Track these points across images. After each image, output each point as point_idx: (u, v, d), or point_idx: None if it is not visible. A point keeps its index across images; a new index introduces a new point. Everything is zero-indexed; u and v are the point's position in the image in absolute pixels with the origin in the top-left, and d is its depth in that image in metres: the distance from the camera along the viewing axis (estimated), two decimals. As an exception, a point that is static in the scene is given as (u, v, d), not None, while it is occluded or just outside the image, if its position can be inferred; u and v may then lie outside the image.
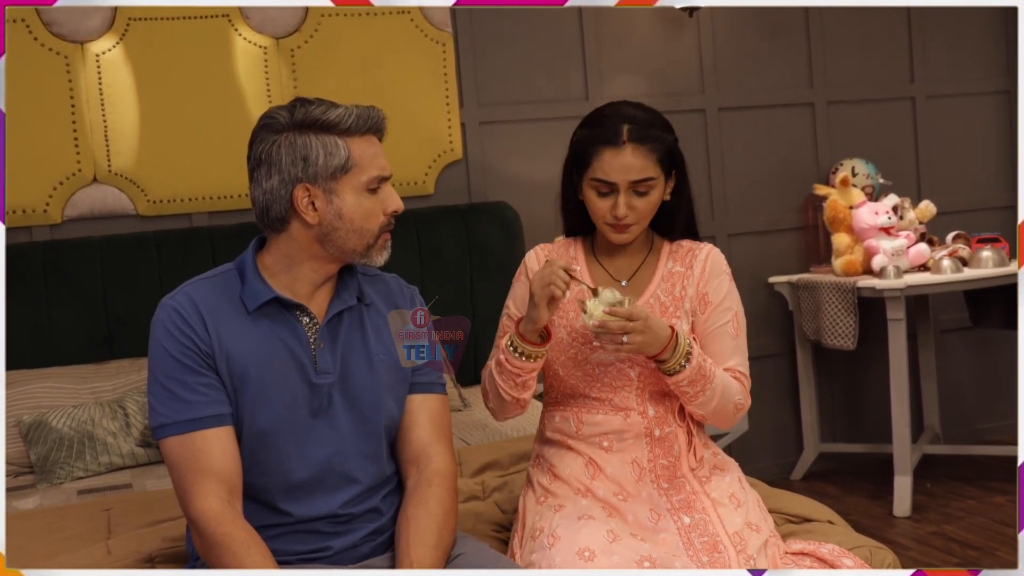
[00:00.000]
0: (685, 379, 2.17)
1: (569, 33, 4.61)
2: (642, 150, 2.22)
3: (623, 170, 2.22)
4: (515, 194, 4.38)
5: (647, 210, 2.26)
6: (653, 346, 2.12)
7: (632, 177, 2.22)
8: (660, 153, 2.24)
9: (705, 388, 2.20)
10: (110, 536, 2.57)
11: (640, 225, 2.28)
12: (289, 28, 4.16)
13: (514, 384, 2.24)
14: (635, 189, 2.23)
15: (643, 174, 2.22)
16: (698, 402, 2.22)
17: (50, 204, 3.91)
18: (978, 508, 4.38)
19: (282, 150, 1.97)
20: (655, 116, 2.29)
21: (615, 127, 2.23)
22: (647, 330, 2.09)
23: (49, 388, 3.50)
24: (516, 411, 2.33)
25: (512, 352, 2.21)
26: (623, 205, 2.23)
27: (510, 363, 2.22)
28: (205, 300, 2.01)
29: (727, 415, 2.27)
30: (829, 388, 5.11)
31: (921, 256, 4.48)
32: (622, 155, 2.22)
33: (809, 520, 2.42)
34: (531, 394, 2.30)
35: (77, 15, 3.91)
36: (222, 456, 1.95)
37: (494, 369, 2.27)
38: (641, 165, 2.22)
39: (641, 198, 2.24)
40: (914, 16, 5.13)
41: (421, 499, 2.06)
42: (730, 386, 2.25)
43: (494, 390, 2.29)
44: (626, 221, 2.24)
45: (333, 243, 2.02)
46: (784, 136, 4.98)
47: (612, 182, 2.23)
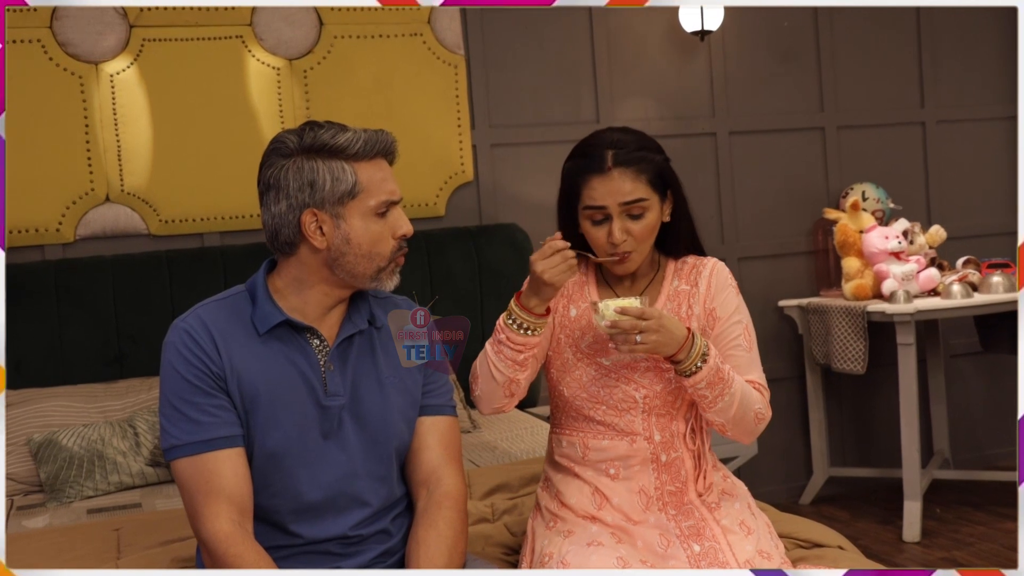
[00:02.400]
0: (703, 380, 2.15)
1: (581, 56, 4.62)
2: (629, 172, 2.21)
3: (612, 194, 2.20)
4: (526, 216, 4.39)
5: (644, 233, 2.24)
6: (669, 345, 2.11)
7: (622, 199, 2.21)
8: (649, 174, 2.23)
9: (724, 392, 2.17)
10: (119, 556, 2.56)
11: (640, 252, 2.26)
12: (302, 49, 4.18)
13: (512, 363, 2.20)
14: (628, 213, 2.22)
15: (633, 195, 2.21)
16: (717, 408, 2.19)
17: (63, 223, 3.93)
18: (988, 534, 4.36)
19: (290, 175, 1.98)
20: (642, 138, 2.28)
21: (600, 154, 2.22)
22: (661, 329, 2.08)
23: (59, 407, 3.50)
24: (504, 398, 2.26)
25: (511, 326, 2.18)
26: (618, 230, 2.21)
27: (510, 340, 2.18)
28: (216, 322, 2.01)
29: (747, 424, 2.24)
30: (839, 412, 5.10)
31: (931, 281, 4.47)
32: (610, 180, 2.21)
33: (819, 545, 2.41)
34: (526, 379, 2.25)
35: (92, 36, 3.93)
36: (233, 477, 1.95)
37: (490, 349, 2.22)
38: (630, 187, 2.21)
39: (636, 221, 2.22)
40: (924, 41, 5.14)
41: (431, 521, 2.06)
42: (749, 394, 2.23)
43: (486, 373, 2.23)
44: (624, 248, 2.23)
45: (342, 268, 2.02)
46: (795, 160, 4.99)
47: (602, 206, 2.22)
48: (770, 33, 4.93)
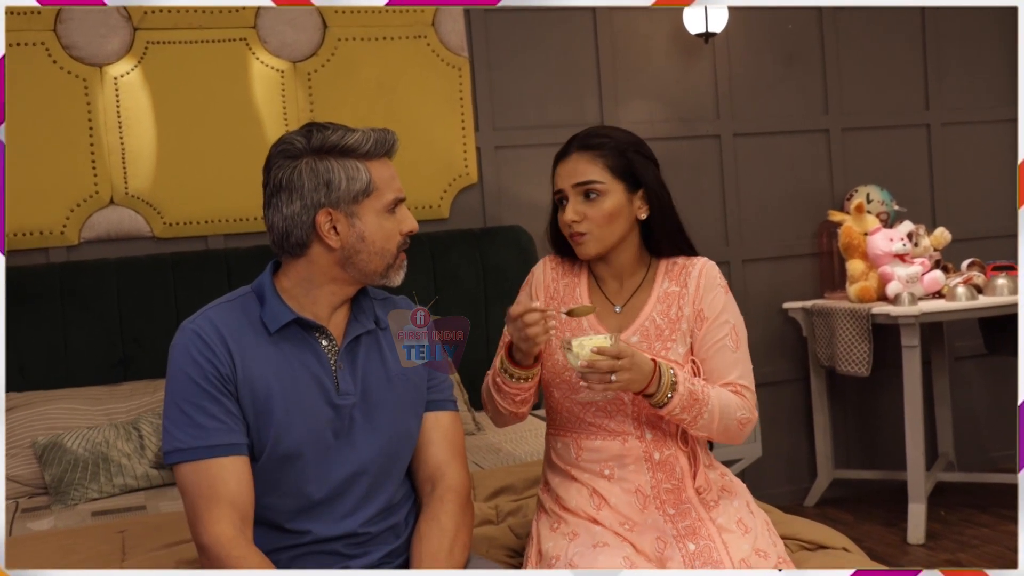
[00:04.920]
0: (677, 407, 2.15)
1: (585, 59, 4.62)
2: (586, 155, 2.27)
3: (567, 175, 2.28)
4: (530, 218, 4.38)
5: (599, 218, 2.25)
6: (639, 382, 2.10)
7: (574, 180, 2.26)
8: (609, 160, 2.26)
9: (701, 412, 2.17)
10: (124, 558, 2.57)
11: (597, 236, 2.27)
12: (306, 52, 4.19)
13: (512, 401, 2.27)
14: (583, 193, 2.26)
15: (585, 176, 2.25)
16: (698, 426, 2.20)
17: (67, 226, 3.93)
18: (992, 536, 4.35)
19: (304, 176, 1.98)
20: (615, 130, 2.34)
21: (569, 143, 2.31)
22: (633, 367, 2.08)
23: (64, 409, 3.51)
24: (515, 421, 2.35)
25: (504, 374, 2.23)
26: (570, 210, 2.26)
27: (505, 384, 2.24)
28: (226, 324, 2.01)
29: (732, 432, 2.25)
30: (843, 414, 5.10)
31: (936, 283, 4.47)
32: (568, 162, 2.29)
33: (824, 547, 2.40)
34: (530, 407, 2.32)
35: (96, 39, 3.94)
36: (236, 484, 1.94)
37: (492, 387, 2.29)
38: (584, 169, 2.26)
39: (590, 204, 2.25)
40: (929, 43, 5.14)
41: (433, 515, 2.07)
42: (729, 403, 2.22)
43: (492, 405, 2.32)
44: (579, 228, 2.26)
45: (355, 266, 2.03)
46: (799, 162, 4.99)
47: (560, 188, 2.29)
48: (774, 35, 4.92)
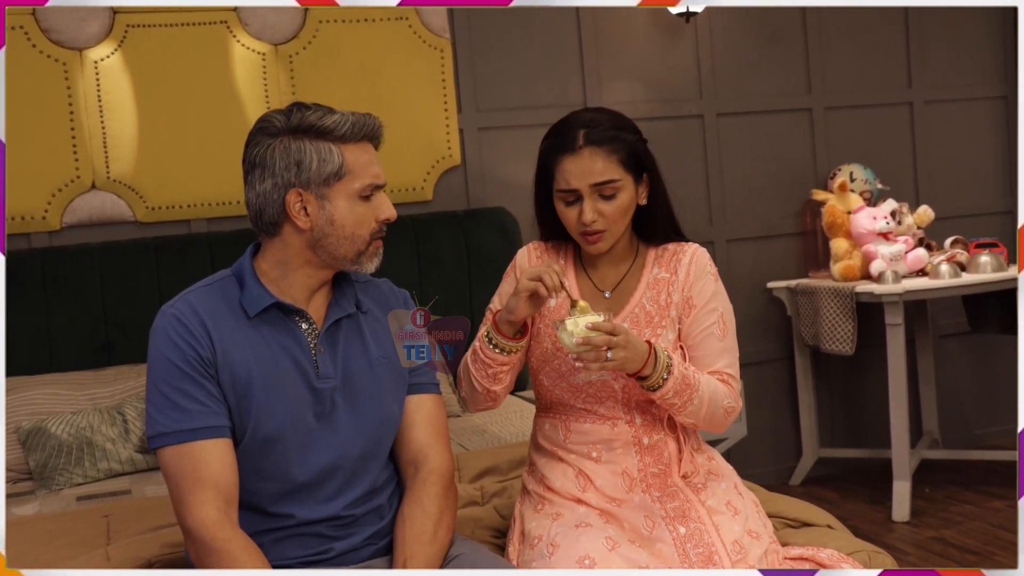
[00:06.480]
0: (670, 391, 2.14)
1: (567, 39, 4.61)
2: (600, 152, 2.19)
3: (582, 175, 2.19)
4: (513, 200, 4.38)
5: (616, 215, 2.22)
6: (635, 362, 2.09)
7: (592, 180, 2.19)
8: (622, 154, 2.21)
9: (692, 398, 2.17)
10: (109, 542, 2.56)
11: (613, 232, 2.24)
12: (287, 34, 4.17)
13: (486, 375, 2.23)
14: (600, 193, 2.20)
15: (604, 176, 2.19)
16: (687, 412, 2.19)
17: (49, 211, 3.91)
18: (977, 513, 4.38)
19: (276, 154, 1.98)
20: (616, 118, 2.26)
21: (572, 134, 2.21)
22: (628, 345, 2.06)
23: (48, 395, 3.50)
24: (487, 403, 2.30)
25: (487, 343, 2.21)
26: (589, 211, 2.20)
27: (484, 353, 2.21)
28: (206, 308, 2.01)
29: (717, 420, 2.25)
30: (828, 393, 5.12)
31: (919, 261, 4.48)
32: (580, 160, 2.19)
33: (808, 524, 2.41)
34: (503, 389, 2.28)
35: (76, 22, 3.91)
36: (220, 467, 1.94)
37: (469, 357, 2.26)
38: (601, 167, 2.19)
39: (608, 202, 2.21)
40: (912, 21, 5.14)
41: (416, 497, 2.07)
42: (717, 391, 2.22)
43: (467, 379, 2.28)
44: (595, 227, 2.21)
45: (324, 249, 2.02)
46: (782, 142, 4.99)
47: (574, 188, 2.20)
48: (756, 14, 4.92)
